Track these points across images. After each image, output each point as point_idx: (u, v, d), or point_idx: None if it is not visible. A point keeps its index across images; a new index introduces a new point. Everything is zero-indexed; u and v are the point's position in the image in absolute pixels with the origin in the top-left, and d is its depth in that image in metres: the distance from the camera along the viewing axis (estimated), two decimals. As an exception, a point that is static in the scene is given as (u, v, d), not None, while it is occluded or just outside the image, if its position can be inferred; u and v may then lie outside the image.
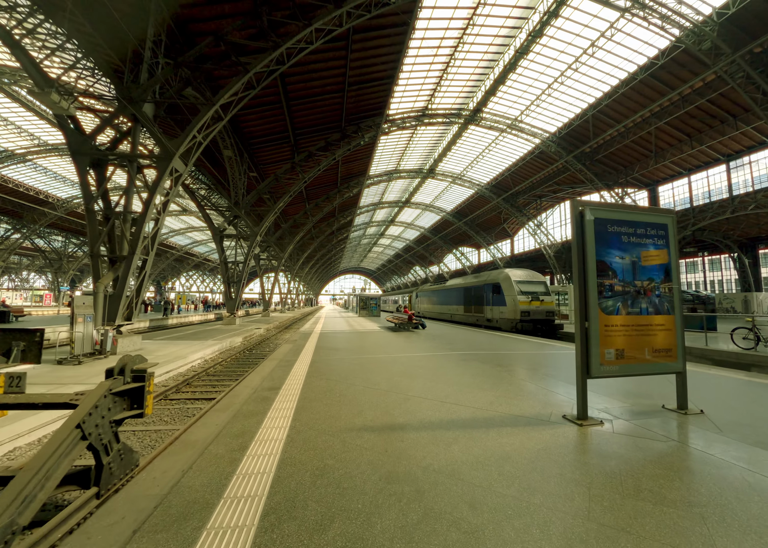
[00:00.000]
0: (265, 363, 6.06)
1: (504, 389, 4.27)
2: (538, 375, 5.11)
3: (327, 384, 4.46)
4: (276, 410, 3.36)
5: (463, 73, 22.17)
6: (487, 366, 5.82)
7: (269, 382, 4.55)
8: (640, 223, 3.34)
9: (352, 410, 3.39)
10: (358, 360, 6.36)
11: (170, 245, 59.55)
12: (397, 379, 4.80)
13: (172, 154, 9.67)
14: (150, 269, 10.04)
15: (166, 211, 10.21)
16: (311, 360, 6.33)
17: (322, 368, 5.63)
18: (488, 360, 6.42)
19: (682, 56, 18.22)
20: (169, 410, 5.65)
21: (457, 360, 6.49)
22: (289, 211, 32.36)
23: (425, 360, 6.49)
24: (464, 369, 5.63)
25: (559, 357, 6.97)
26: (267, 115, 18.66)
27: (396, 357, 6.82)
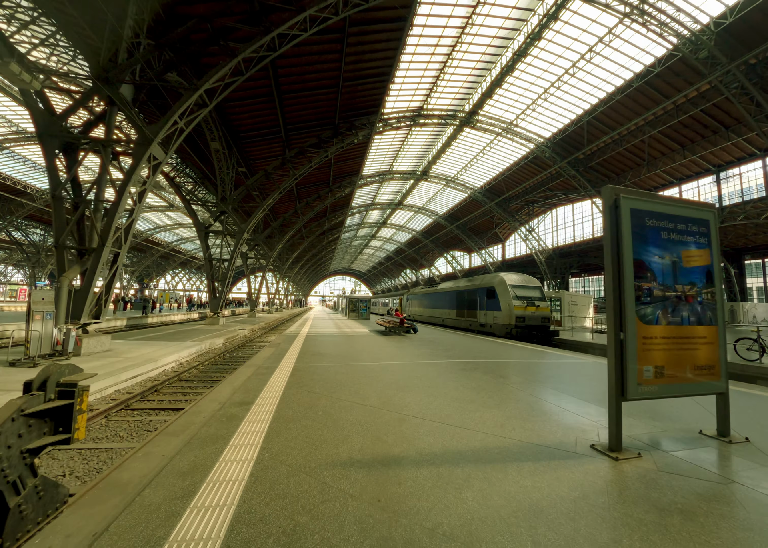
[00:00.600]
0: (241, 370, 5.38)
1: (513, 407, 3.71)
2: (547, 390, 4.58)
3: (309, 399, 3.84)
4: (243, 434, 2.73)
5: (460, 74, 21.88)
6: (489, 378, 5.27)
7: (241, 395, 3.90)
8: (680, 217, 2.85)
9: (337, 435, 2.78)
10: (346, 369, 5.74)
11: (156, 241, 57.83)
12: (390, 393, 4.21)
13: (150, 140, 8.93)
14: (122, 264, 9.25)
15: (142, 201, 9.44)
16: (293, 367, 5.67)
17: (305, 377, 4.99)
18: (489, 370, 5.87)
19: (678, 65, 18.25)
20: (129, 422, 4.95)
21: (454, 369, 5.92)
22: (279, 210, 31.56)
23: (420, 369, 5.91)
24: (464, 380, 5.07)
25: (564, 368, 6.48)
26: (257, 108, 17.96)
27: (387, 365, 6.23)
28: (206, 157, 20.35)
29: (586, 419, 3.35)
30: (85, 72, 9.70)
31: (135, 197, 9.34)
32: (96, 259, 8.45)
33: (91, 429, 4.72)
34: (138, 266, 62.81)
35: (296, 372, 5.30)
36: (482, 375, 5.39)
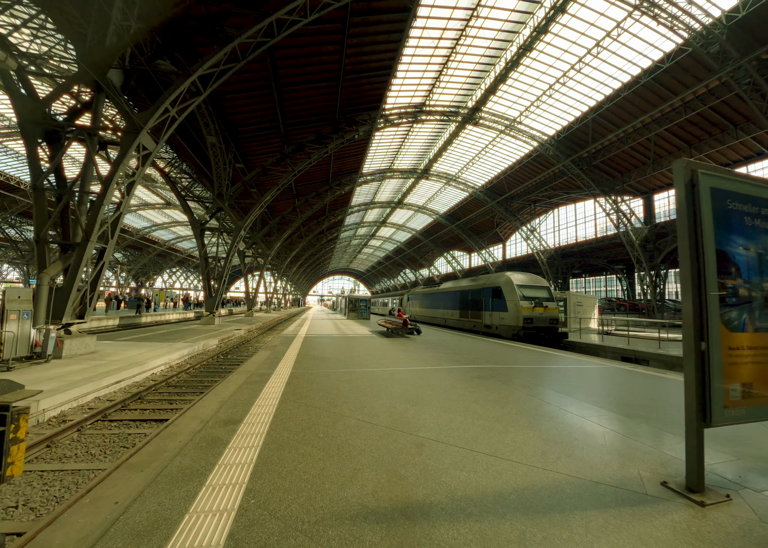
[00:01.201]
0: (232, 377, 4.81)
1: (549, 426, 3.16)
2: (580, 403, 4.02)
3: (307, 415, 3.29)
4: (224, 468, 2.17)
5: (464, 69, 21.34)
6: (510, 388, 4.71)
7: (228, 410, 3.33)
8: (765, 200, 2.31)
9: (343, 468, 2.23)
10: (349, 376, 5.18)
11: (152, 240, 57.12)
12: (401, 407, 3.66)
13: (139, 128, 8.35)
14: (108, 259, 8.66)
15: (131, 194, 8.85)
16: (290, 374, 5.11)
17: (303, 387, 4.42)
18: (507, 378, 5.32)
19: (688, 60, 17.77)
20: (104, 437, 4.36)
21: (468, 377, 5.37)
22: (278, 208, 30.99)
23: (430, 377, 5.35)
24: (482, 391, 4.52)
25: (587, 375, 5.93)
26: (255, 102, 17.38)
27: (394, 371, 5.68)
28: (202, 152, 19.77)
29: (639, 443, 2.81)
30: (70, 56, 9.12)
31: (123, 189, 8.76)
32: (80, 254, 7.86)
33: (60, 446, 4.15)
34: (135, 265, 62.11)
35: (293, 380, 4.74)
36: (501, 385, 4.83)
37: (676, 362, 8.51)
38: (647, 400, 4.29)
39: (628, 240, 26.69)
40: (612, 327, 19.08)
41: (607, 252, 34.08)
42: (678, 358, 8.40)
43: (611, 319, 17.51)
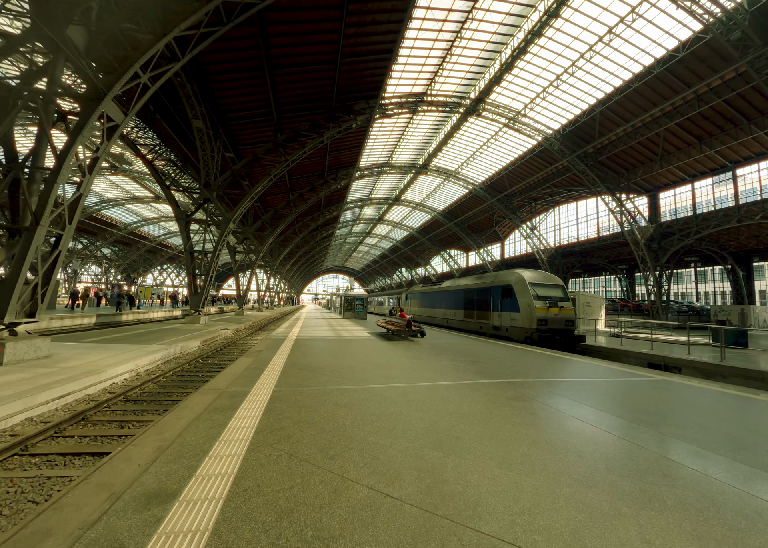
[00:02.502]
0: (192, 399, 3.59)
1: (686, 510, 1.98)
2: (687, 446, 2.92)
3: (288, 481, 2.14)
4: None
5: (468, 56, 20.27)
6: (579, 422, 3.48)
7: (163, 470, 2.17)
8: None
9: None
10: (349, 398, 4.10)
11: (142, 235, 55.42)
12: (432, 458, 2.56)
13: (102, 94, 7.13)
14: (66, 249, 7.42)
15: (94, 172, 7.61)
16: (272, 394, 3.93)
17: (287, 417, 3.31)
18: (556, 400, 4.19)
19: (704, 49, 16.91)
20: (10, 485, 3.11)
21: (504, 398, 4.24)
22: (271, 202, 29.77)
23: (454, 396, 4.26)
24: (539, 424, 3.39)
25: (653, 392, 4.70)
26: (246, 85, 16.17)
27: (406, 389, 4.57)
28: (189, 139, 18.49)
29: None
30: (23, 9, 7.87)
31: (85, 167, 7.52)
32: (27, 240, 6.63)
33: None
34: (124, 261, 60.31)
35: (274, 405, 3.61)
36: (557, 414, 3.70)
37: (716, 371, 7.53)
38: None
39: (633, 239, 25.91)
40: (620, 328, 18.20)
41: (608, 251, 33.36)
42: (721, 367, 7.43)
43: (620, 320, 16.60)
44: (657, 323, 17.45)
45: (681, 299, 33.00)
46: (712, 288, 32.19)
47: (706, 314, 27.74)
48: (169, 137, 18.77)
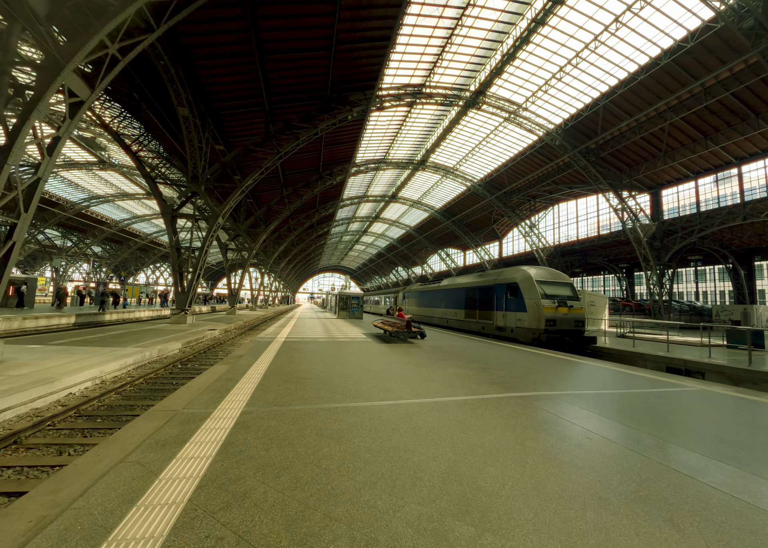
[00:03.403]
0: (132, 428, 2.73)
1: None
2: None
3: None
4: None
5: (469, 45, 19.49)
6: (642, 462, 2.64)
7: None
8: None
9: None
10: (339, 423, 3.27)
11: (133, 232, 54.12)
12: (456, 535, 1.73)
13: (61, 66, 6.28)
14: (23, 240, 6.56)
15: (55, 153, 6.76)
16: (238, 417, 3.13)
17: (250, 458, 2.46)
18: (599, 424, 3.44)
19: (713, 39, 16.27)
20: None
21: (537, 422, 3.47)
22: (264, 198, 28.86)
23: (473, 421, 3.42)
24: (597, 468, 2.54)
25: (706, 408, 4.00)
26: (236, 71, 15.27)
27: (410, 407, 3.76)
28: (176, 130, 17.55)
29: None
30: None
31: (44, 147, 6.65)
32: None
33: None
34: (114, 259, 58.99)
35: (237, 437, 2.76)
36: (610, 449, 2.84)
37: (746, 377, 6.85)
38: None
39: (636, 237, 25.33)
40: (626, 329, 17.58)
41: (608, 250, 32.82)
42: (753, 373, 6.74)
43: (625, 320, 15.95)
44: (663, 323, 16.87)
45: (679, 298, 32.52)
46: (711, 287, 31.77)
47: (707, 314, 27.26)
48: (155, 128, 17.84)
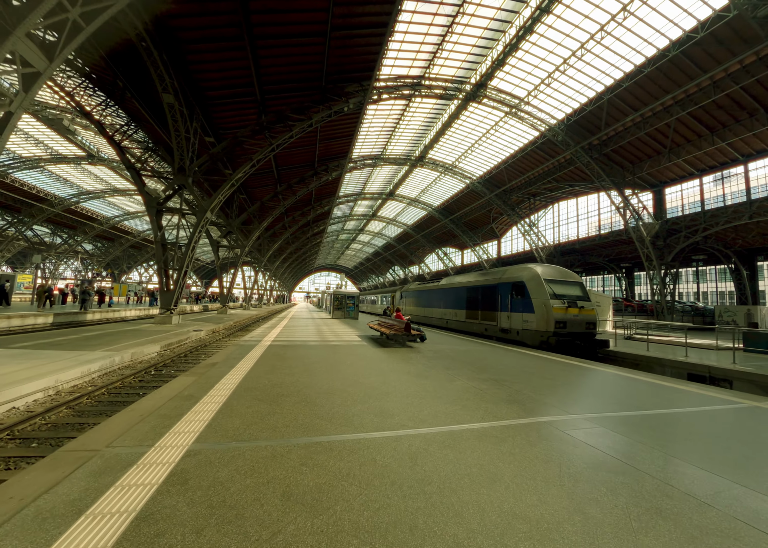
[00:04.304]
0: (16, 484, 1.96)
1: None
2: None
3: None
4: None
5: (470, 35, 18.72)
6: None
7: None
8: None
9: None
10: (315, 476, 2.29)
11: (124, 230, 52.93)
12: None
13: (9, 30, 5.43)
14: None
15: (7, 131, 5.91)
16: (176, 465, 2.29)
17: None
18: (675, 468, 2.60)
19: (724, 30, 15.63)
20: None
21: (587, 466, 2.59)
22: (257, 194, 27.98)
23: (503, 467, 2.52)
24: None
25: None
26: (226, 57, 14.42)
27: (414, 442, 2.86)
28: (163, 120, 16.66)
29: None
30: None
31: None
32: None
33: None
34: (106, 256, 57.75)
35: (164, 502, 1.90)
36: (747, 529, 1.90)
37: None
38: None
39: (639, 236, 24.75)
40: (631, 330, 16.95)
41: (609, 250, 32.26)
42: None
43: (632, 322, 15.29)
44: (672, 324, 16.27)
45: (678, 299, 32.07)
46: (710, 287, 31.33)
47: (709, 315, 26.75)
48: (141, 118, 16.94)
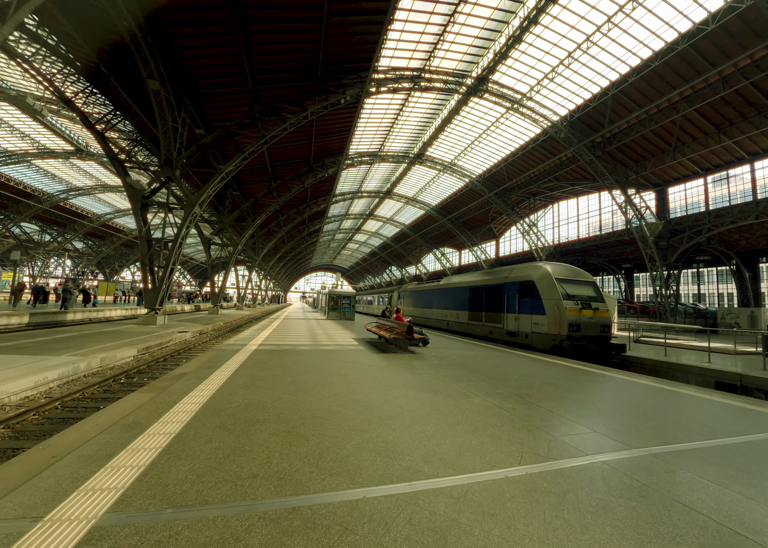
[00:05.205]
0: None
1: None
2: None
3: None
4: None
5: (473, 26, 18.04)
6: None
7: None
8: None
9: None
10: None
11: (116, 227, 51.67)
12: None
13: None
14: None
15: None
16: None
17: None
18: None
19: (736, 22, 15.09)
20: None
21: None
22: (251, 190, 27.12)
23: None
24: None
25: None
26: (216, 43, 13.59)
27: (435, 504, 1.95)
28: (150, 109, 15.78)
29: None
30: None
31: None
32: None
33: None
34: (97, 255, 56.41)
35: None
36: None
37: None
38: None
39: (642, 236, 24.18)
40: (638, 332, 16.34)
41: (609, 250, 31.76)
42: None
43: (640, 324, 14.66)
44: (679, 327, 15.70)
45: (683, 300, 31.62)
46: (710, 289, 30.94)
47: (711, 317, 26.28)
48: (127, 107, 16.03)
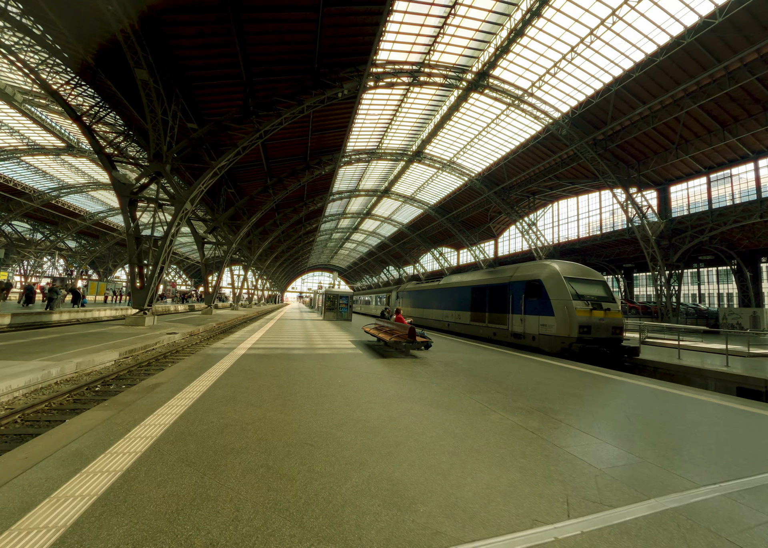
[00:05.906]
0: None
1: None
2: None
3: None
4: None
5: (474, 18, 17.56)
6: None
7: None
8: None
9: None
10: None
11: (110, 226, 50.73)
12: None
13: None
14: None
15: None
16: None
17: None
18: None
19: (743, 15, 14.73)
20: None
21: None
22: (246, 188, 26.51)
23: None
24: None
25: None
26: (208, 33, 13.00)
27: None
28: (140, 100, 15.16)
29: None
30: None
31: None
32: None
33: None
34: (91, 254, 55.45)
35: None
36: None
37: None
38: None
39: (643, 235, 23.82)
40: (643, 333, 15.93)
41: (610, 250, 31.42)
42: None
43: (647, 325, 14.23)
44: (684, 328, 15.31)
45: (683, 300, 31.34)
46: (711, 289, 30.68)
47: (713, 317, 25.97)
48: (115, 98, 15.39)
